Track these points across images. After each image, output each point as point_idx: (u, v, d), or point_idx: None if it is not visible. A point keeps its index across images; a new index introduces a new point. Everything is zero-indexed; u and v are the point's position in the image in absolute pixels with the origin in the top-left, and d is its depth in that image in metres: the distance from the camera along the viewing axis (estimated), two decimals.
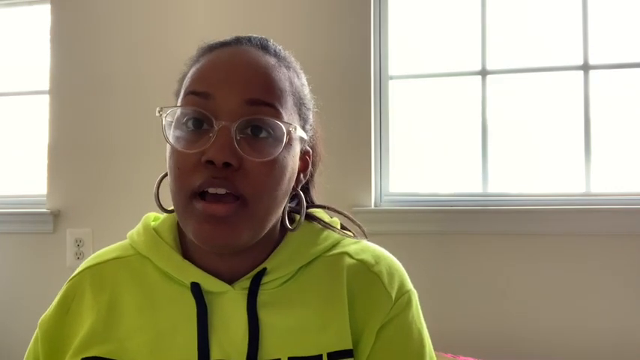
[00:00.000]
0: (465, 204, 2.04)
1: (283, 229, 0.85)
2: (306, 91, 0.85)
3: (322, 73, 2.08)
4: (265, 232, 0.78)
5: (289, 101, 0.78)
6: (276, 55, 0.81)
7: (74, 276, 0.87)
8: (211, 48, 0.81)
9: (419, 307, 0.85)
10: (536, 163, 2.08)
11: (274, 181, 0.75)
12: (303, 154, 0.84)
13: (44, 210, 2.30)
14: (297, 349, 0.76)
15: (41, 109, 2.41)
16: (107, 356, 0.78)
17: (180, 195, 0.75)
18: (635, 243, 1.88)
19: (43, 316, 0.86)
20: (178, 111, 0.76)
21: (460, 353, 1.73)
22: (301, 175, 0.84)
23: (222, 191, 0.73)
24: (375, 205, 2.08)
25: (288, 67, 0.81)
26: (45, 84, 2.38)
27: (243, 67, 0.76)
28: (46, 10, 2.42)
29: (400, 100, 2.16)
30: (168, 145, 0.77)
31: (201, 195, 0.74)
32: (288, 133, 0.75)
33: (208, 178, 0.72)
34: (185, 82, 0.79)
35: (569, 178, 2.03)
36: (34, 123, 2.46)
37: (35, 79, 2.47)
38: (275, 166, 0.74)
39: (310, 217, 0.88)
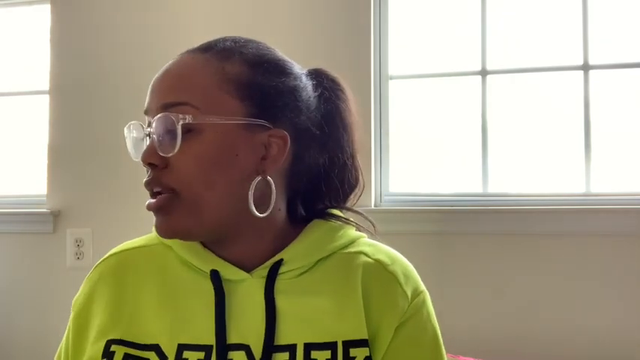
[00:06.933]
0: (465, 204, 2.04)
1: (297, 223, 0.87)
2: (259, 77, 0.81)
3: None
4: (219, 217, 0.79)
5: (213, 91, 0.79)
6: (215, 50, 0.83)
7: (100, 262, 0.91)
8: None
9: (431, 306, 0.88)
10: (536, 163, 2.08)
11: (199, 169, 0.78)
12: (269, 138, 0.81)
13: (44, 210, 2.30)
14: (313, 335, 0.79)
15: (41, 109, 2.41)
16: (129, 339, 0.81)
17: None
18: (635, 243, 1.88)
19: (75, 296, 0.91)
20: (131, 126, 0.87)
21: (460, 353, 1.73)
22: (268, 162, 0.81)
23: (157, 189, 0.80)
24: (375, 205, 2.08)
25: (225, 58, 0.81)
26: (45, 84, 2.38)
27: (164, 74, 0.83)
28: (46, 10, 2.41)
29: (400, 100, 2.16)
30: None
31: None
32: (186, 124, 0.77)
33: (147, 179, 0.81)
34: None
35: (569, 178, 2.03)
36: (34, 123, 2.46)
37: (35, 79, 2.47)
38: (195, 156, 0.78)
39: (328, 215, 0.90)
